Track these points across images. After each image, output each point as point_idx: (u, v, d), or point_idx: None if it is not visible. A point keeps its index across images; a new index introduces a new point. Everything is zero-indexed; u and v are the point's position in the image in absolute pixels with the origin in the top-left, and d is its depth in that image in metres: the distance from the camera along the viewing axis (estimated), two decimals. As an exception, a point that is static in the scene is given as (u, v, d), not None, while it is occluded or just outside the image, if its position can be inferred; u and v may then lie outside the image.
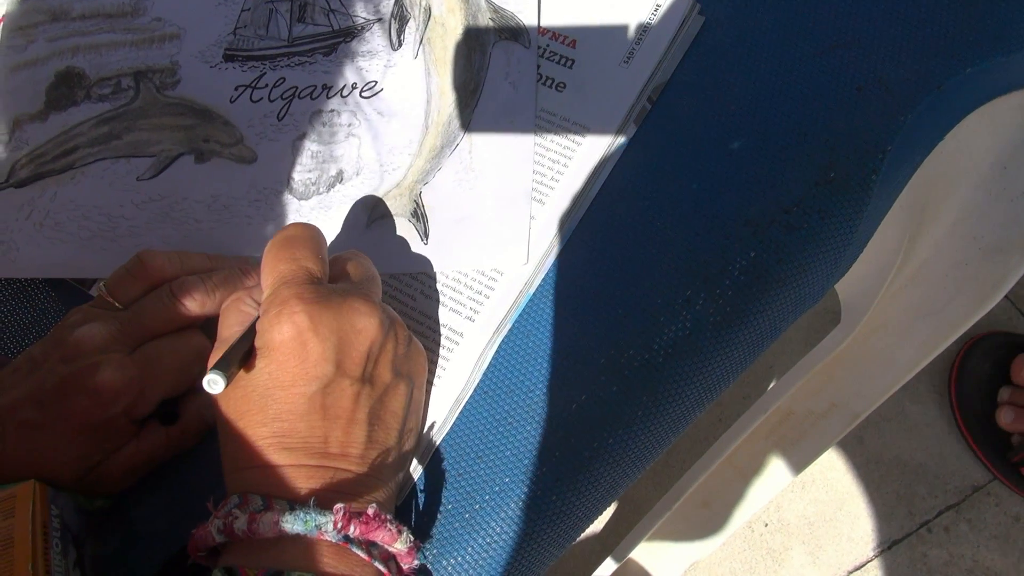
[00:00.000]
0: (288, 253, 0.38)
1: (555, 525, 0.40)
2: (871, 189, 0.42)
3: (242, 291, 0.41)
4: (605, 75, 0.47)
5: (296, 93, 0.49)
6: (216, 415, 0.38)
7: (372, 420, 0.37)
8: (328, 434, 0.36)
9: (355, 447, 0.36)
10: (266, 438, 0.35)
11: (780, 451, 0.67)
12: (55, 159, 0.49)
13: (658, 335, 0.41)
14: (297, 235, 0.39)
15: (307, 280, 0.37)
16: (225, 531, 0.34)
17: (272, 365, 0.36)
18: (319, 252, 0.39)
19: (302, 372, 0.35)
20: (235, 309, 0.40)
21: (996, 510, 0.95)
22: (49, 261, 0.47)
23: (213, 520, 0.34)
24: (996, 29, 0.44)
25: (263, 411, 0.36)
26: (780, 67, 0.45)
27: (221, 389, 0.34)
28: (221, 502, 0.35)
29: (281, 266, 0.38)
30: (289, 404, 0.35)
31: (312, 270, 0.38)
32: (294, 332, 0.35)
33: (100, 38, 0.51)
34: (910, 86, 0.43)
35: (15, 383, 0.40)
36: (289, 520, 0.33)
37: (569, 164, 0.45)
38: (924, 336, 0.55)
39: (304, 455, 0.35)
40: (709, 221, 0.42)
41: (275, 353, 0.36)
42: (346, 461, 0.36)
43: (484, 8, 0.49)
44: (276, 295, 0.37)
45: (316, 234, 0.40)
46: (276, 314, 0.36)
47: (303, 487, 0.35)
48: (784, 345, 0.99)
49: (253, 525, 0.33)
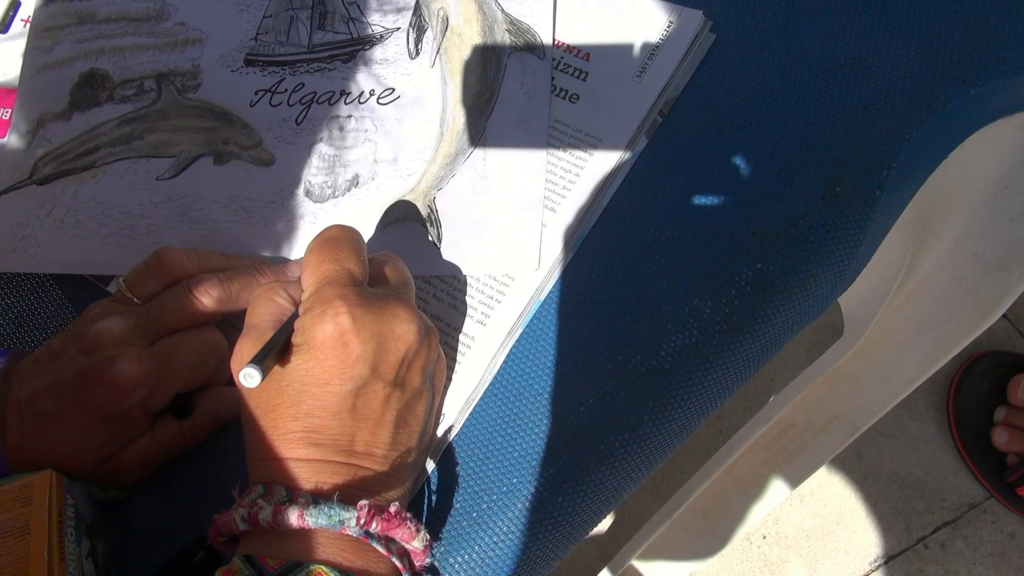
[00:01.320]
0: (331, 254, 0.39)
1: (561, 526, 0.41)
2: (875, 205, 0.43)
3: (276, 283, 0.41)
4: (618, 88, 0.48)
5: (315, 98, 0.50)
6: (244, 405, 0.38)
7: (399, 423, 0.38)
8: (356, 433, 0.37)
9: (380, 447, 0.37)
10: (296, 432, 0.36)
11: (780, 463, 0.68)
12: (77, 158, 0.50)
13: (665, 342, 0.42)
14: (339, 236, 0.40)
15: (350, 281, 0.38)
16: (250, 520, 0.34)
17: (311, 362, 0.36)
18: (360, 254, 0.40)
19: (339, 371, 0.36)
20: (267, 299, 0.40)
21: (992, 527, 0.96)
22: (69, 257, 0.48)
23: (238, 508, 0.35)
24: (999, 52, 0.45)
25: (296, 406, 0.36)
26: (789, 84, 0.46)
27: (257, 383, 0.34)
28: (246, 491, 0.36)
29: (325, 266, 0.39)
30: (323, 401, 0.36)
31: (354, 272, 0.39)
32: (336, 332, 0.36)
33: (124, 41, 0.53)
34: (915, 105, 0.44)
35: (35, 374, 0.41)
36: (313, 514, 0.34)
37: (581, 174, 0.47)
38: (924, 351, 0.56)
39: (331, 451, 0.36)
40: (717, 232, 0.43)
41: (315, 351, 0.36)
42: (370, 460, 0.37)
43: (501, 20, 0.50)
44: (320, 294, 0.37)
45: (357, 236, 0.41)
46: (320, 313, 0.37)
47: (327, 482, 0.36)
48: (786, 359, 1.00)
49: (278, 517, 0.34)
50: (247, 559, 0.33)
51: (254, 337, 0.38)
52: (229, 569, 0.33)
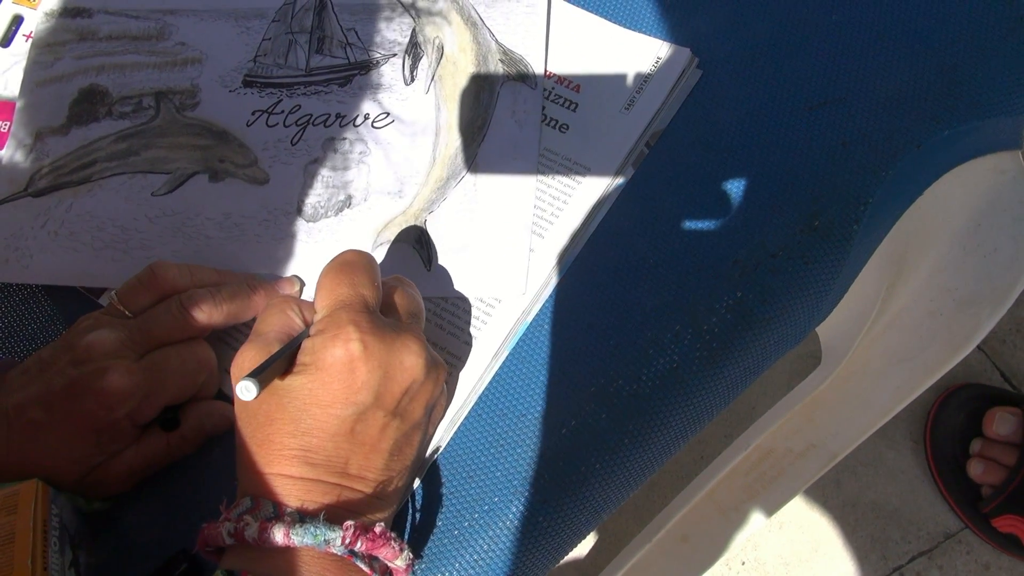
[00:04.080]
0: (347, 278, 0.39)
1: (541, 545, 0.42)
2: (853, 238, 0.45)
3: (291, 298, 0.42)
4: (607, 120, 0.49)
5: (311, 120, 0.52)
6: (240, 413, 0.39)
7: (393, 451, 0.38)
8: (350, 457, 0.37)
9: (372, 472, 0.38)
10: (292, 449, 0.36)
11: (759, 489, 0.69)
12: (74, 171, 0.51)
13: (647, 367, 0.43)
14: (355, 261, 0.40)
15: (364, 308, 0.38)
16: (235, 535, 0.35)
17: (315, 383, 0.37)
18: (375, 280, 0.40)
19: (343, 396, 0.37)
20: (279, 311, 0.40)
21: (967, 558, 0.97)
22: (62, 269, 0.49)
23: (224, 522, 0.35)
24: (972, 96, 0.47)
25: (295, 423, 0.37)
26: (772, 120, 0.47)
27: (253, 396, 0.35)
28: (233, 503, 0.37)
29: (340, 289, 0.39)
30: (321, 422, 0.37)
31: (368, 298, 0.39)
32: (346, 357, 0.37)
33: (125, 59, 0.54)
34: (892, 144, 0.46)
35: (24, 384, 0.41)
36: (299, 532, 0.34)
37: (569, 202, 0.48)
38: (900, 381, 0.57)
39: (325, 472, 0.36)
40: (699, 261, 0.45)
41: (322, 372, 0.37)
42: (362, 483, 0.37)
43: (494, 50, 0.52)
44: (334, 318, 0.38)
45: (372, 262, 0.41)
46: (332, 336, 0.37)
47: (316, 501, 0.36)
48: (767, 387, 1.02)
49: (264, 534, 0.34)
50: (229, 574, 0.34)
51: (259, 346, 0.38)
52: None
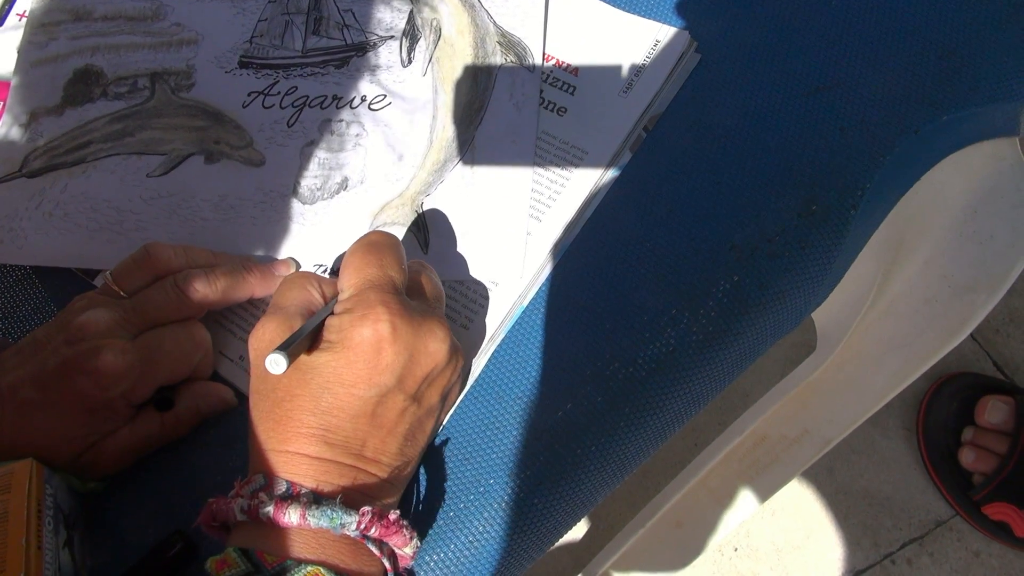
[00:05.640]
0: (376, 259, 0.39)
1: (536, 527, 0.42)
2: (849, 223, 0.45)
3: (310, 272, 0.42)
4: (605, 103, 0.49)
5: (307, 102, 0.51)
6: (258, 388, 0.39)
7: (408, 435, 0.38)
8: (367, 439, 0.37)
9: (387, 456, 0.38)
10: (311, 427, 0.36)
11: (753, 475, 0.69)
12: (68, 152, 0.51)
13: (643, 350, 0.43)
14: (383, 242, 0.40)
15: (392, 289, 0.38)
16: (249, 512, 0.35)
17: (340, 361, 0.37)
18: (402, 263, 0.40)
19: (366, 376, 0.36)
20: (300, 286, 0.40)
21: (958, 545, 0.97)
22: (56, 251, 0.49)
23: (237, 498, 0.35)
24: (971, 81, 0.47)
25: (315, 401, 0.36)
26: (770, 105, 0.47)
27: (282, 371, 0.34)
28: (245, 479, 0.36)
29: (369, 270, 0.39)
30: (343, 401, 0.36)
31: (396, 279, 0.39)
32: (374, 338, 0.36)
33: (120, 39, 0.53)
34: (890, 129, 0.46)
35: (18, 363, 0.41)
36: (315, 514, 0.34)
37: (566, 185, 0.48)
38: (894, 367, 0.57)
39: (342, 453, 0.36)
40: (696, 245, 0.45)
41: (347, 352, 0.37)
42: (376, 466, 0.37)
43: (492, 32, 0.52)
44: (364, 297, 0.38)
45: (399, 244, 0.41)
46: (361, 316, 0.37)
47: (331, 482, 0.36)
48: (761, 375, 1.02)
49: (279, 514, 0.34)
50: (244, 552, 0.33)
51: (280, 320, 0.38)
52: (223, 560, 0.34)
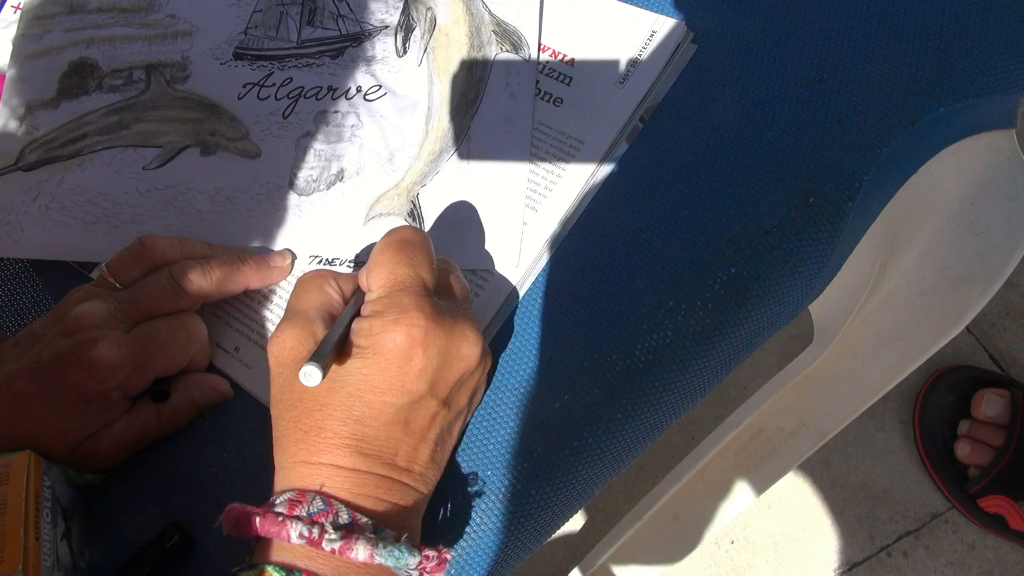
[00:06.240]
0: (407, 258, 0.38)
1: (533, 519, 0.42)
2: (847, 215, 0.45)
3: (326, 270, 0.40)
4: (601, 94, 0.49)
5: (302, 93, 0.51)
6: (282, 398, 0.37)
7: (438, 441, 0.38)
8: (400, 447, 0.36)
9: (419, 464, 0.37)
10: (344, 437, 0.35)
11: (750, 467, 0.69)
12: (64, 145, 0.51)
13: (640, 342, 0.43)
14: (413, 240, 0.39)
15: (424, 291, 0.37)
16: (311, 541, 0.33)
17: (372, 368, 0.36)
18: (432, 262, 0.39)
19: (399, 383, 0.35)
20: (317, 286, 0.39)
21: (953, 537, 0.98)
22: (53, 243, 0.49)
23: (294, 520, 0.33)
24: (969, 73, 0.47)
25: (347, 410, 0.35)
26: (767, 96, 0.47)
27: (318, 382, 0.33)
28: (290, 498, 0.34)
29: (400, 271, 0.38)
30: (375, 410, 0.35)
31: (427, 280, 0.38)
32: (408, 344, 0.35)
33: (115, 31, 0.53)
34: (887, 121, 0.46)
35: (15, 356, 0.41)
36: (383, 555, 0.33)
37: (562, 175, 0.48)
38: (891, 360, 0.57)
39: (376, 463, 0.35)
40: (693, 237, 0.45)
41: (379, 358, 0.36)
42: (409, 476, 0.37)
43: (488, 22, 0.52)
44: (394, 300, 0.36)
45: (429, 242, 0.40)
46: (394, 321, 0.36)
47: (368, 495, 0.35)
48: (758, 368, 1.02)
49: (346, 549, 0.33)
50: (286, 570, 0.32)
51: (300, 325, 0.37)
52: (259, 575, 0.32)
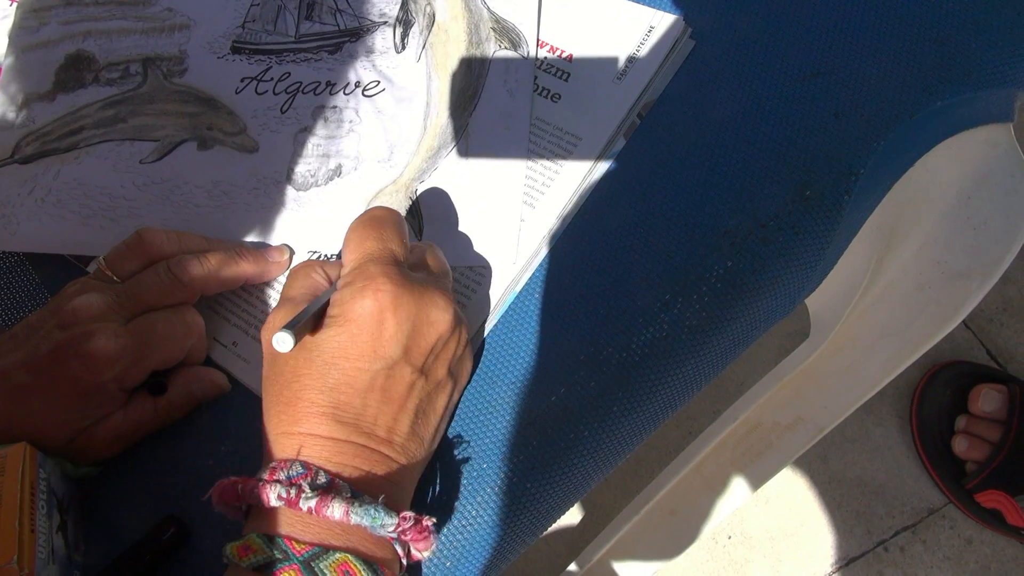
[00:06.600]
0: (376, 232, 0.39)
1: (529, 512, 0.42)
2: (843, 209, 0.45)
3: (314, 260, 0.42)
4: (599, 90, 0.49)
5: (300, 88, 0.51)
6: (268, 372, 0.38)
7: (418, 412, 0.38)
8: (378, 416, 0.37)
9: (399, 435, 0.37)
10: (321, 406, 0.36)
11: (747, 462, 0.69)
12: (60, 138, 0.51)
13: (636, 336, 0.43)
14: (383, 217, 0.41)
15: (392, 260, 0.38)
16: (288, 501, 0.33)
17: (343, 336, 0.36)
18: (403, 236, 0.40)
19: (371, 349, 0.36)
20: (304, 274, 0.41)
21: (950, 532, 0.98)
22: (49, 237, 0.49)
23: (273, 483, 0.34)
24: (965, 66, 0.47)
25: (323, 378, 0.36)
26: (764, 90, 0.47)
27: (289, 348, 0.34)
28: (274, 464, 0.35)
29: (368, 243, 0.39)
30: (350, 376, 0.36)
31: (396, 252, 0.39)
32: (376, 308, 0.36)
33: (112, 24, 0.53)
34: (884, 115, 0.46)
35: (11, 348, 0.41)
36: (359, 513, 0.33)
37: (560, 171, 0.48)
38: (888, 354, 0.58)
39: (354, 432, 0.36)
40: (690, 231, 0.45)
41: (350, 324, 0.36)
42: (390, 448, 0.37)
43: (486, 18, 0.51)
44: (363, 270, 0.38)
45: (400, 218, 0.41)
46: (361, 287, 0.37)
47: (347, 463, 0.35)
48: (755, 364, 1.02)
49: (322, 507, 0.33)
50: (268, 539, 0.33)
51: (288, 309, 0.38)
52: (245, 546, 0.33)
